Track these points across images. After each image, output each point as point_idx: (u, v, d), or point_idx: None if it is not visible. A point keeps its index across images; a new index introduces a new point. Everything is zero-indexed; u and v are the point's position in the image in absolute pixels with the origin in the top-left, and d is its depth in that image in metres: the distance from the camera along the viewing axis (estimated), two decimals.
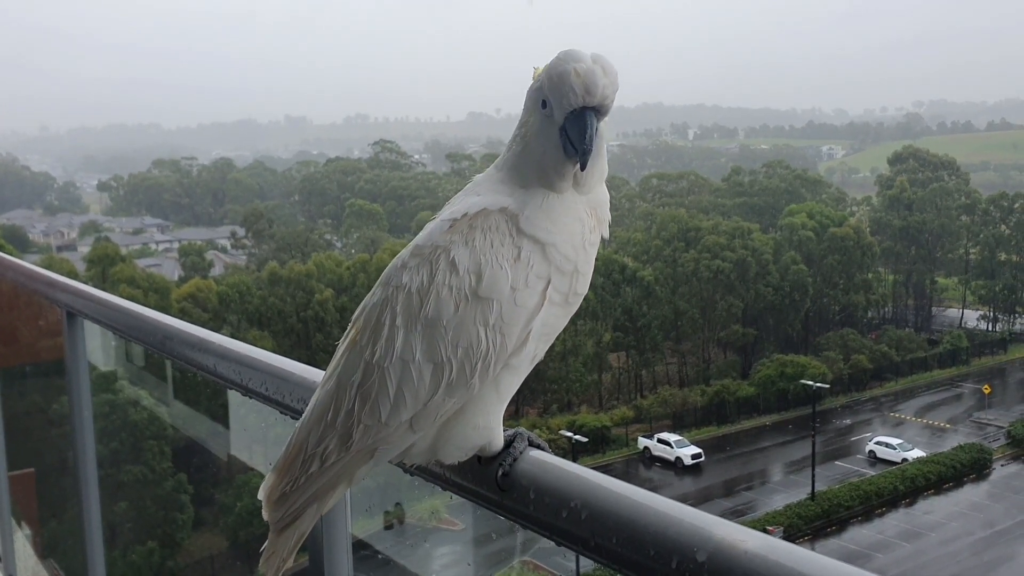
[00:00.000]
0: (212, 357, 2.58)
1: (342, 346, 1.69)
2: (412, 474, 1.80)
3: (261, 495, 1.71)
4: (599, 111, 1.60)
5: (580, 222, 1.64)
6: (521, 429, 1.69)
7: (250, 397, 2.40)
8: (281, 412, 2.27)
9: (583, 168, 1.59)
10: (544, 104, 1.62)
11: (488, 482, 1.63)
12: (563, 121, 1.59)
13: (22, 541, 6.43)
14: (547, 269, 1.59)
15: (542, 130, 1.63)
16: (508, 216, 1.61)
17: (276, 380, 2.28)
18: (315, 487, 1.66)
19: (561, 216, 1.62)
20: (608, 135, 1.66)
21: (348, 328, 1.71)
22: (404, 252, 1.66)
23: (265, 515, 1.71)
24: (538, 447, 1.67)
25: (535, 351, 1.63)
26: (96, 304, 3.59)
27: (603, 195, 1.70)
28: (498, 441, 1.66)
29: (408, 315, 1.59)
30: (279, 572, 1.74)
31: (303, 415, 1.71)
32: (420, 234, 1.67)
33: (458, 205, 1.67)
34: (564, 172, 1.62)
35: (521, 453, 1.63)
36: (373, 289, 1.69)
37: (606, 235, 1.69)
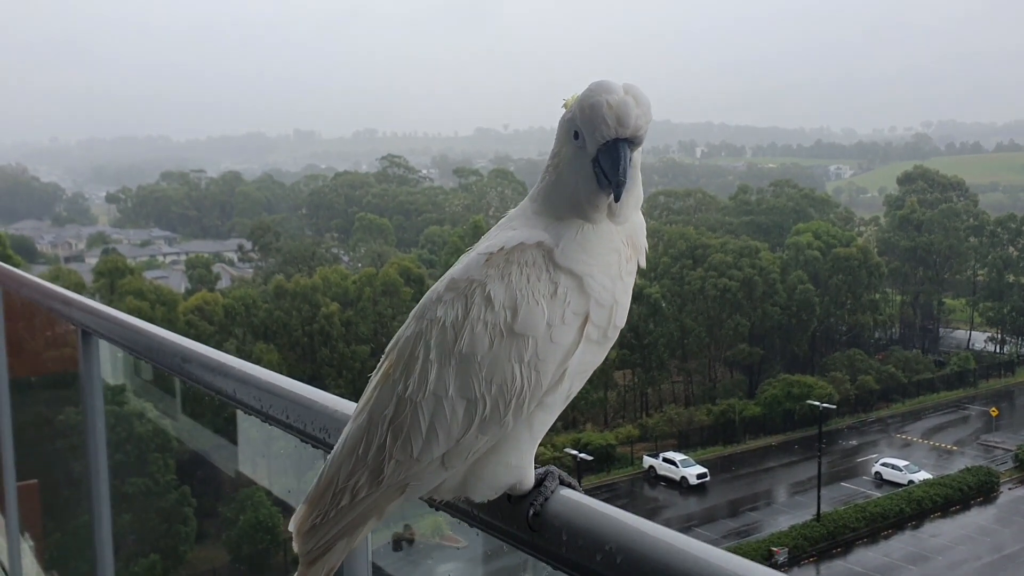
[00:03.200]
0: (232, 382, 2.56)
1: (375, 379, 1.68)
2: (439, 509, 1.78)
3: (292, 527, 1.69)
4: (632, 142, 1.58)
5: (616, 252, 1.62)
6: (552, 468, 1.66)
7: (270, 424, 2.37)
8: (302, 440, 2.24)
9: (617, 200, 1.58)
10: (576, 135, 1.60)
11: (519, 521, 1.59)
12: (596, 153, 1.57)
13: (27, 552, 6.41)
14: (585, 304, 1.57)
15: (574, 161, 1.61)
16: (544, 250, 1.59)
17: (298, 408, 2.24)
18: (345, 521, 1.65)
19: (597, 247, 1.61)
20: (639, 161, 1.64)
21: (381, 360, 1.69)
22: (439, 285, 1.65)
23: (296, 547, 1.69)
24: (569, 486, 1.64)
25: (570, 389, 1.61)
26: (112, 324, 3.57)
27: (639, 223, 1.69)
28: (529, 480, 1.63)
29: (442, 350, 1.57)
30: None
31: (334, 448, 1.69)
32: (455, 267, 1.65)
33: (494, 239, 1.65)
34: (598, 204, 1.59)
35: (552, 492, 1.60)
36: (407, 322, 1.67)
37: (643, 263, 1.68)
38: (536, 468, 1.65)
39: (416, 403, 1.57)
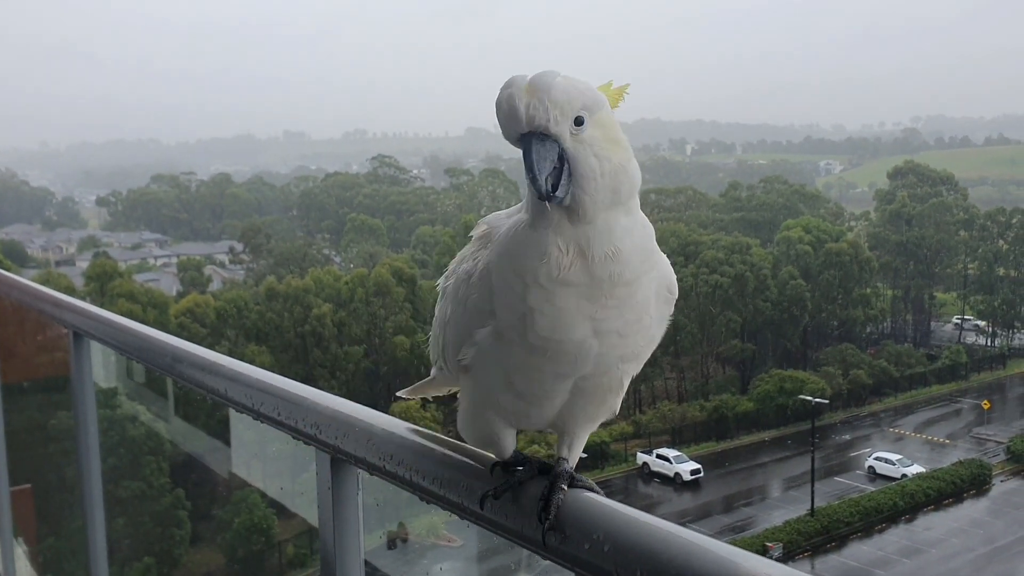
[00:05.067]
0: (223, 380, 2.56)
1: None
2: (429, 502, 1.79)
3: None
4: (553, 135, 1.43)
5: (546, 256, 1.44)
6: (536, 458, 1.66)
7: (261, 421, 2.38)
8: (294, 437, 2.25)
9: (544, 199, 1.43)
10: None
11: (506, 510, 1.61)
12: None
13: (22, 557, 6.40)
14: (489, 300, 1.54)
15: None
16: (486, 239, 1.64)
17: (289, 405, 2.25)
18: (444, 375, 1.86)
19: (522, 247, 1.48)
20: (610, 152, 1.44)
21: None
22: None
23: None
24: (583, 486, 1.57)
25: (510, 382, 1.56)
26: (103, 325, 3.57)
27: (609, 224, 1.45)
28: (500, 449, 1.66)
29: (447, 283, 1.75)
30: (410, 397, 2.07)
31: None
32: None
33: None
34: (535, 206, 1.48)
35: (520, 482, 1.59)
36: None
37: (604, 272, 1.45)
38: (523, 453, 1.67)
39: (436, 317, 1.80)
